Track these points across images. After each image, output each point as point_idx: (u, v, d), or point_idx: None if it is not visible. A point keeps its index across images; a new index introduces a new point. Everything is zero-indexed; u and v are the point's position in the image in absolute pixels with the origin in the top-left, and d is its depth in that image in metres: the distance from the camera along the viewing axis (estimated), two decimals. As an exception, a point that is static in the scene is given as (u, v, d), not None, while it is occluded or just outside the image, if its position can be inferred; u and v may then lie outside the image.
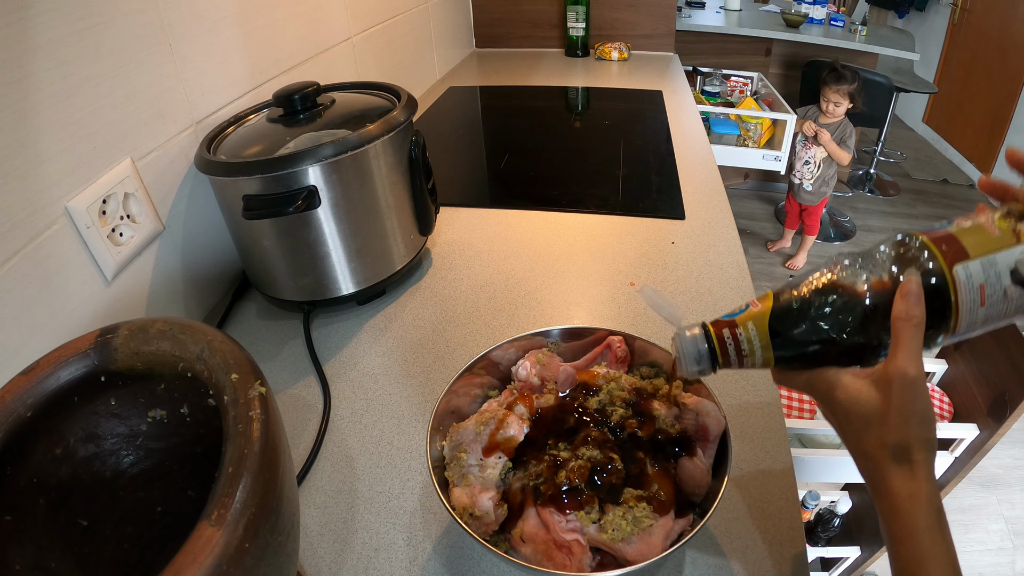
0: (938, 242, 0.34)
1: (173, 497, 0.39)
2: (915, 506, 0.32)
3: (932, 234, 0.35)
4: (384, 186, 0.67)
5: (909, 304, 0.33)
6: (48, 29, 0.50)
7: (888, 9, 4.07)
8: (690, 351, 0.38)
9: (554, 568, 0.39)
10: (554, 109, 1.44)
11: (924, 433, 0.32)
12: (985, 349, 1.15)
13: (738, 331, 0.36)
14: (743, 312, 0.37)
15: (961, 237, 0.34)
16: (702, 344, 0.37)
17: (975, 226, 0.34)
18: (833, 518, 1.33)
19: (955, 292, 0.33)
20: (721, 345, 0.37)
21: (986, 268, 0.33)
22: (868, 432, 0.34)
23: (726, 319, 0.37)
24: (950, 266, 0.33)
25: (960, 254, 0.33)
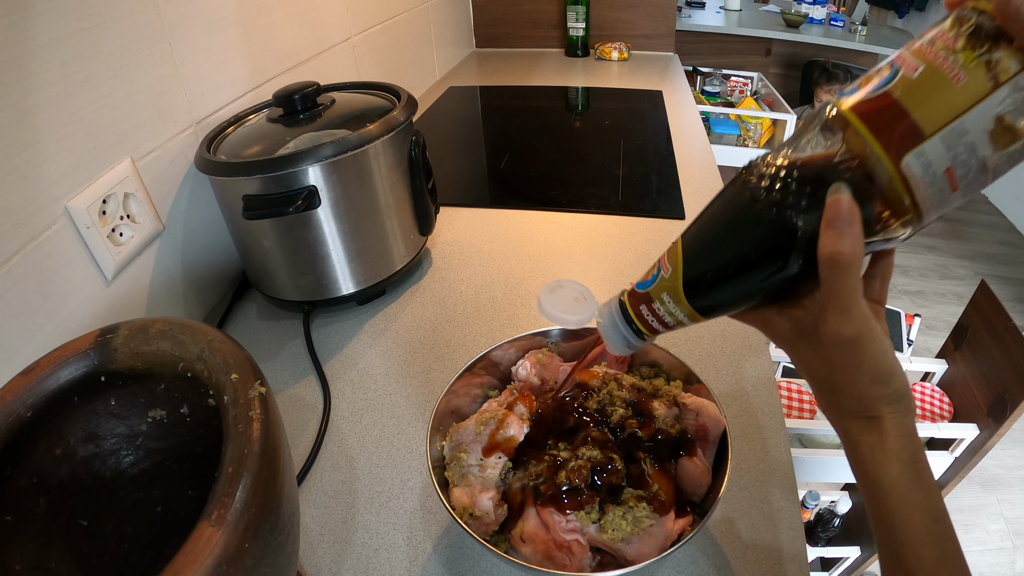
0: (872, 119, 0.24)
1: (173, 497, 0.39)
2: (881, 457, 0.28)
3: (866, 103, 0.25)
4: (384, 186, 0.67)
5: (836, 239, 0.25)
6: (48, 29, 0.50)
7: (888, 9, 4.07)
8: (614, 335, 0.36)
9: (554, 568, 0.39)
10: (554, 109, 1.44)
11: (881, 390, 0.28)
12: (985, 349, 1.15)
13: (655, 305, 0.33)
14: (655, 281, 0.33)
15: (907, 100, 0.23)
16: (625, 328, 0.35)
17: (928, 71, 0.23)
18: (833, 518, 1.34)
19: (911, 192, 0.24)
20: (643, 322, 0.34)
21: (952, 143, 0.23)
22: (820, 394, 0.31)
23: (641, 291, 0.34)
24: (896, 160, 0.24)
25: (908, 135, 0.23)
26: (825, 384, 0.30)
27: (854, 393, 0.29)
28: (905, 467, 0.28)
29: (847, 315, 0.27)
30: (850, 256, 0.25)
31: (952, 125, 0.23)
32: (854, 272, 0.26)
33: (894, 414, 0.28)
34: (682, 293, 0.31)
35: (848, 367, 0.28)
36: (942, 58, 0.23)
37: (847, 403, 0.29)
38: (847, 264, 0.25)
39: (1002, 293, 1.91)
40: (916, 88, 0.23)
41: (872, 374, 0.28)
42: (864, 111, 0.25)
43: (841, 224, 0.25)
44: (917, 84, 0.23)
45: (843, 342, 0.27)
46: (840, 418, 0.30)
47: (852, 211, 0.25)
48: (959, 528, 1.64)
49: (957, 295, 2.45)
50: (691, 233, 0.32)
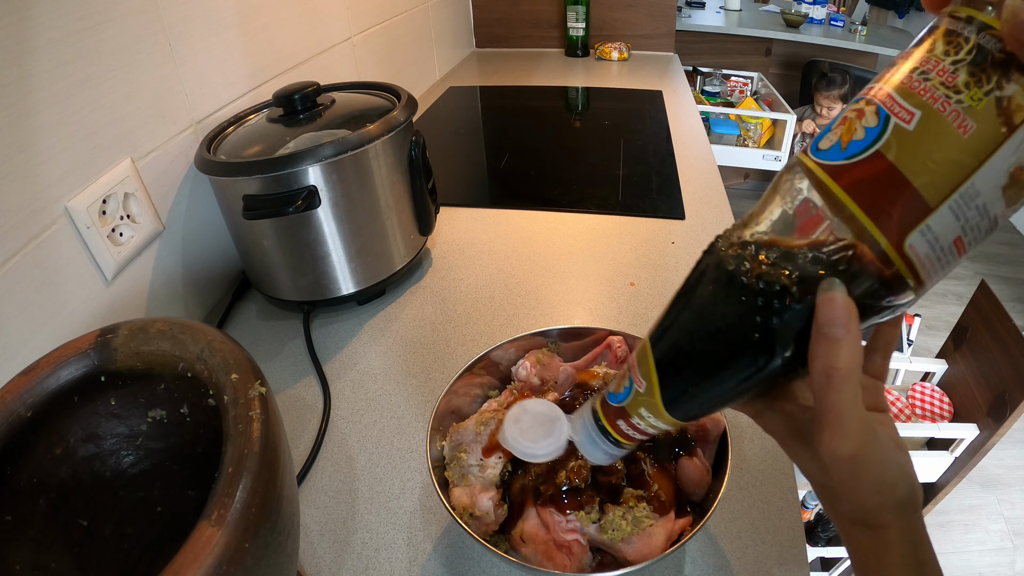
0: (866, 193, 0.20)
1: (173, 497, 0.39)
2: (885, 565, 0.26)
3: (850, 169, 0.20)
4: (384, 186, 0.67)
5: (830, 350, 0.22)
6: (48, 29, 0.50)
7: (888, 9, 4.07)
8: (594, 451, 0.33)
9: (554, 568, 0.39)
10: (554, 109, 1.44)
11: (885, 501, 0.26)
12: (985, 349, 1.15)
13: (633, 420, 0.30)
14: (629, 395, 0.29)
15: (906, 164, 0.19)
16: (603, 441, 0.32)
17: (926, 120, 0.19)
18: (833, 518, 1.33)
19: (914, 272, 0.20)
20: (622, 435, 0.31)
21: (961, 210, 0.19)
22: (820, 496, 0.28)
23: (615, 404, 0.30)
24: (898, 244, 0.20)
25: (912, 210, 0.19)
26: (824, 489, 0.27)
27: (855, 502, 0.26)
28: (911, 571, 0.26)
29: (843, 432, 0.24)
30: (847, 369, 0.22)
31: (962, 189, 0.19)
32: (852, 384, 0.23)
33: (900, 521, 0.26)
34: (661, 407, 0.28)
35: (847, 481, 0.25)
36: (942, 99, 0.18)
37: (847, 511, 0.27)
38: (843, 379, 0.22)
39: (1002, 293, 1.91)
40: (915, 145, 0.19)
41: (874, 487, 0.25)
42: (852, 182, 0.20)
43: (836, 330, 0.22)
44: (916, 139, 0.19)
45: (840, 459, 0.24)
46: (843, 523, 0.28)
47: (848, 313, 0.21)
48: (959, 528, 1.64)
49: (957, 295, 2.45)
50: (662, 340, 0.28)
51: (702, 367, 0.26)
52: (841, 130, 0.21)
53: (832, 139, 0.21)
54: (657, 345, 0.28)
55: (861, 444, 0.24)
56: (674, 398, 0.27)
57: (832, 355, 0.22)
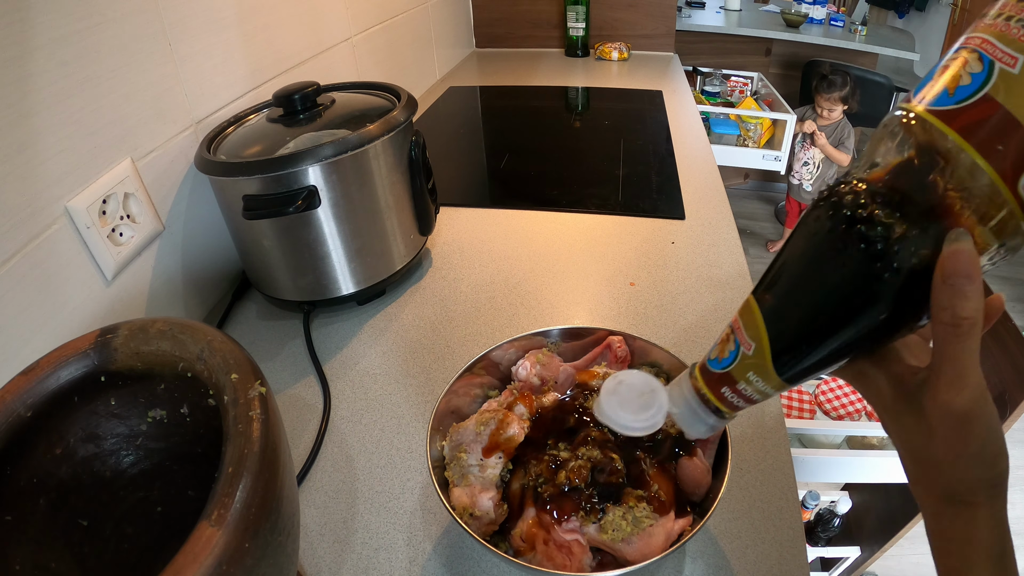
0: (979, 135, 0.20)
1: (173, 497, 0.39)
2: (970, 553, 0.25)
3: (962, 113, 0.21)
4: (384, 186, 0.67)
5: (957, 300, 0.22)
6: (48, 29, 0.50)
7: (888, 9, 4.07)
8: (695, 423, 0.32)
9: (554, 568, 0.39)
10: (554, 109, 1.44)
11: (985, 473, 0.25)
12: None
13: (740, 387, 0.29)
14: (735, 359, 0.28)
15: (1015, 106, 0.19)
16: (704, 412, 0.31)
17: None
18: (833, 518, 1.34)
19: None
20: (725, 404, 0.30)
21: None
22: (914, 467, 0.27)
23: (718, 371, 0.30)
24: (1014, 184, 0.20)
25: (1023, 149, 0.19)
26: (922, 458, 0.27)
27: (954, 474, 0.25)
28: (994, 567, 0.25)
29: (962, 385, 0.23)
30: (973, 319, 0.22)
31: None
32: (975, 336, 0.23)
33: (991, 501, 0.25)
34: (772, 369, 0.27)
35: (953, 444, 0.25)
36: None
37: (944, 483, 0.26)
38: (969, 328, 0.22)
39: (1002, 293, 1.90)
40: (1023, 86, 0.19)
41: (978, 455, 0.25)
42: (965, 124, 0.21)
43: (961, 281, 0.22)
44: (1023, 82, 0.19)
45: (953, 415, 0.24)
46: (931, 499, 0.27)
47: (973, 264, 0.21)
48: (959, 528, 1.62)
49: (957, 295, 2.44)
50: (772, 296, 0.27)
51: (816, 322, 0.25)
52: (946, 77, 0.22)
53: (937, 86, 0.22)
54: (765, 301, 0.27)
55: (975, 401, 0.24)
56: (786, 357, 0.27)
57: (959, 305, 0.22)
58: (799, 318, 0.26)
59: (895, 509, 1.23)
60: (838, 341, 0.25)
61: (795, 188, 2.54)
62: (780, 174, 2.46)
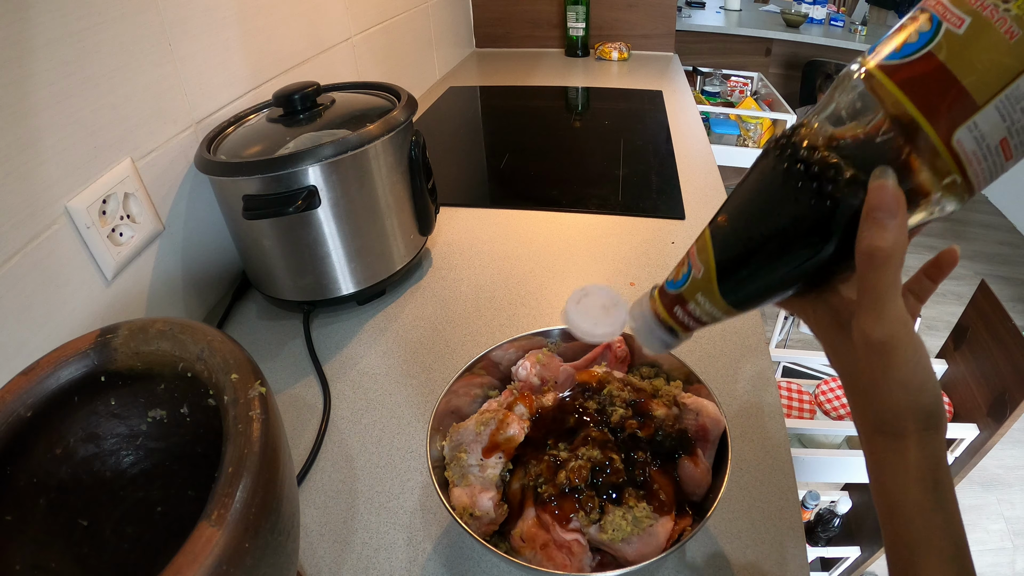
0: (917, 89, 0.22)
1: (173, 497, 0.39)
2: (903, 478, 0.26)
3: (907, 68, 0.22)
4: (384, 186, 0.67)
5: (877, 231, 0.23)
6: (48, 29, 0.50)
7: (888, 9, 4.07)
8: (650, 338, 0.35)
9: (554, 568, 0.39)
10: (554, 109, 1.44)
11: (910, 401, 0.26)
12: (985, 349, 1.15)
13: (689, 306, 0.31)
14: (687, 281, 0.31)
15: (955, 64, 0.21)
16: (659, 329, 0.34)
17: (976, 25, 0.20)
18: (833, 518, 1.34)
19: (962, 168, 0.22)
20: (677, 322, 0.33)
21: (1007, 111, 0.20)
22: (850, 396, 0.28)
23: (672, 291, 0.32)
24: (947, 137, 0.21)
25: (960, 106, 0.21)
26: (855, 387, 0.28)
27: (882, 401, 0.26)
28: (928, 490, 0.26)
29: (880, 315, 0.25)
30: (890, 250, 0.23)
31: (1008, 90, 0.20)
32: (892, 268, 0.24)
33: (921, 432, 0.26)
34: (717, 291, 0.29)
35: (876, 371, 0.26)
36: (991, 8, 0.20)
37: (874, 411, 0.27)
38: (885, 259, 0.23)
39: (1002, 293, 1.91)
40: (964, 47, 0.20)
41: (902, 383, 0.25)
42: (905, 77, 0.22)
43: (883, 215, 0.23)
44: (965, 42, 0.20)
45: (873, 344, 0.25)
46: (866, 430, 0.28)
47: (897, 199, 0.23)
48: (959, 528, 1.61)
49: (957, 295, 2.45)
50: (720, 226, 0.29)
51: (758, 250, 0.27)
52: (897, 35, 0.23)
53: (888, 43, 0.23)
54: (716, 230, 0.29)
55: (894, 332, 0.25)
56: (730, 282, 0.29)
57: (877, 236, 0.23)
58: (744, 246, 0.28)
59: (895, 509, 1.22)
60: (777, 271, 0.27)
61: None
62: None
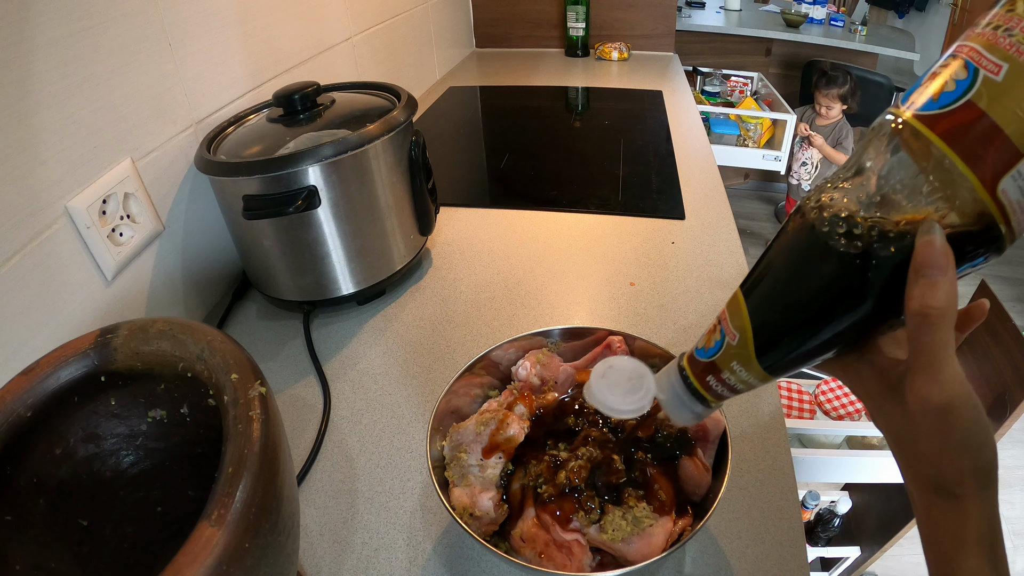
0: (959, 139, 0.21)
1: (173, 497, 0.39)
2: (961, 544, 0.25)
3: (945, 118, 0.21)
4: (384, 186, 0.67)
5: (928, 291, 0.22)
6: (48, 29, 0.50)
7: (888, 9, 4.07)
8: (680, 410, 0.33)
9: (554, 568, 0.39)
10: (554, 109, 1.44)
11: (971, 464, 0.25)
12: (985, 349, 1.15)
13: (724, 376, 0.30)
14: (720, 349, 0.29)
15: (998, 112, 0.20)
16: (689, 400, 0.32)
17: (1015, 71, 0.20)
18: (833, 518, 1.34)
19: (1007, 218, 0.21)
20: (710, 392, 0.31)
21: None
22: (902, 459, 0.27)
23: (704, 359, 0.31)
24: (992, 187, 0.21)
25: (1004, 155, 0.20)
26: (909, 450, 0.27)
27: (941, 465, 0.25)
28: (986, 557, 0.25)
29: (937, 377, 0.24)
30: (944, 308, 0.22)
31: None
32: (947, 326, 0.23)
33: (980, 492, 0.25)
34: (755, 358, 0.28)
35: (935, 435, 0.25)
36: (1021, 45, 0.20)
37: (931, 474, 0.26)
38: (940, 317, 0.23)
39: (1002, 293, 1.90)
40: (1005, 94, 0.20)
41: (962, 446, 0.25)
42: (947, 129, 0.21)
43: (934, 272, 0.22)
44: (1005, 89, 0.20)
45: (931, 406, 0.24)
46: (921, 491, 0.27)
47: (946, 256, 0.22)
48: (959, 528, 1.61)
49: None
50: (754, 290, 0.28)
51: (797, 314, 0.26)
52: (932, 84, 0.22)
53: (924, 92, 0.23)
54: (751, 294, 0.28)
55: (952, 393, 0.24)
56: (768, 348, 0.28)
57: (929, 295, 0.22)
58: (782, 311, 0.27)
59: (895, 509, 1.23)
60: (818, 335, 0.26)
61: (795, 188, 2.54)
62: (780, 174, 2.46)
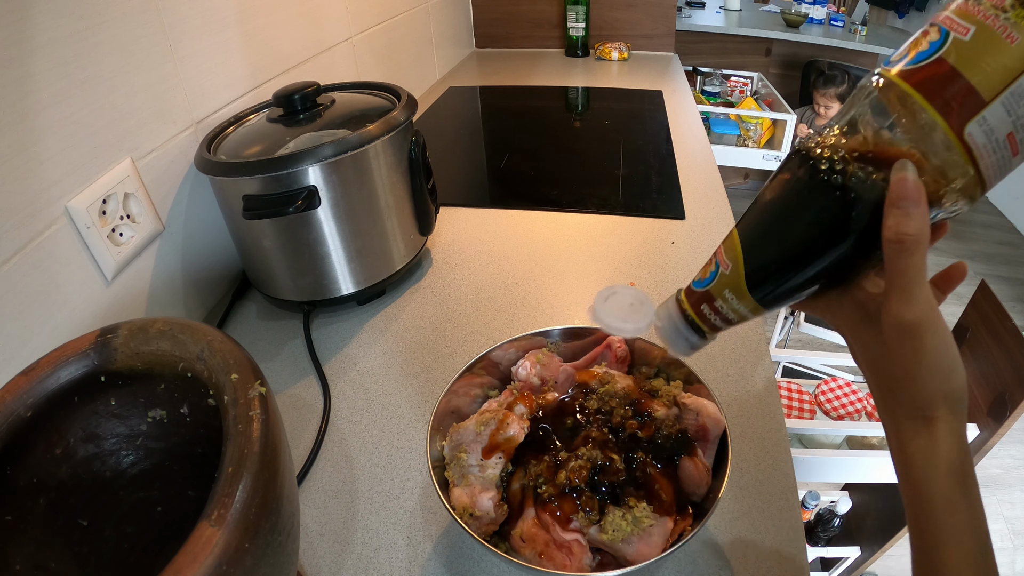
0: (930, 88, 0.24)
1: (173, 497, 0.39)
2: (930, 470, 0.27)
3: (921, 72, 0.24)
4: (384, 186, 0.67)
5: (902, 219, 0.25)
6: (48, 29, 0.50)
7: (888, 9, 4.06)
8: (675, 338, 0.35)
9: (554, 568, 0.39)
10: (554, 109, 1.44)
11: (940, 386, 0.26)
12: (985, 349, 1.15)
13: (717, 304, 0.32)
14: (714, 278, 0.32)
15: (964, 65, 0.23)
16: (685, 329, 0.34)
17: (980, 32, 0.23)
18: (833, 518, 1.34)
19: (974, 161, 0.24)
20: (705, 322, 0.34)
21: (1012, 107, 0.23)
22: (876, 380, 0.29)
23: (700, 289, 0.33)
24: (960, 130, 0.23)
25: (969, 102, 0.23)
26: (883, 376, 0.29)
27: (912, 387, 0.27)
28: (955, 480, 0.26)
29: (910, 299, 0.26)
30: (916, 236, 0.25)
31: (1011, 88, 0.22)
32: (920, 253, 0.25)
33: (949, 417, 0.27)
34: (745, 287, 0.31)
35: (908, 356, 0.27)
36: (993, 17, 0.22)
37: (903, 398, 0.28)
38: (913, 244, 0.25)
39: (1002, 293, 1.90)
40: (970, 51, 0.23)
41: (932, 367, 0.26)
42: (919, 80, 0.24)
43: (907, 204, 0.25)
44: (971, 47, 0.23)
45: (904, 328, 0.26)
46: (894, 416, 0.29)
47: (918, 189, 0.25)
48: (959, 528, 1.60)
49: (957, 295, 2.44)
50: (747, 224, 0.31)
51: (785, 246, 0.29)
52: (910, 46, 0.25)
53: (902, 53, 0.26)
54: (743, 229, 0.31)
55: (924, 314, 0.26)
56: (757, 277, 0.30)
57: (903, 223, 0.25)
58: (770, 242, 0.30)
59: (895, 509, 1.23)
60: (804, 266, 0.29)
61: (795, 188, 2.54)
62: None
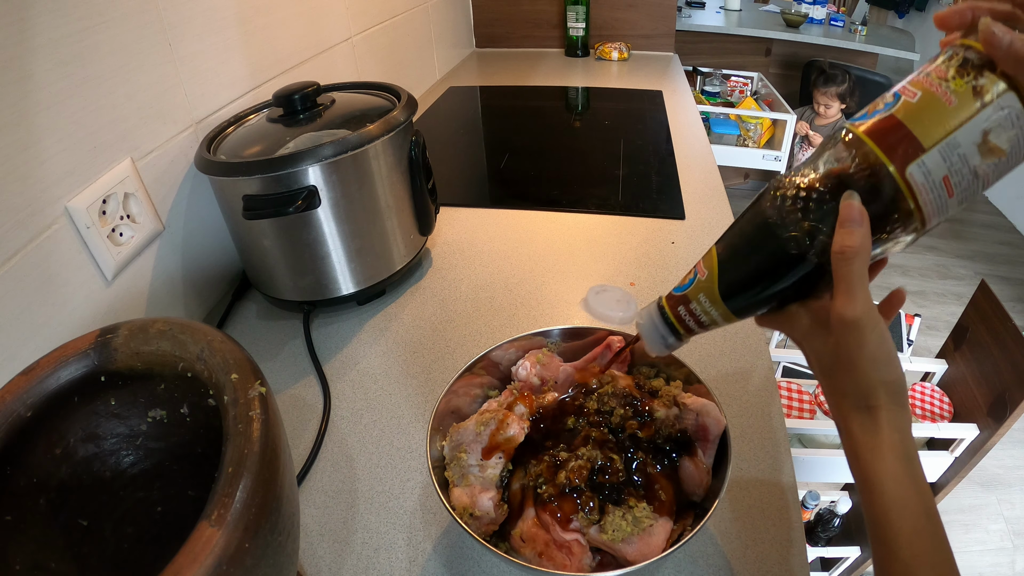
0: (880, 137, 0.29)
1: (173, 497, 0.39)
2: (876, 451, 0.30)
3: (874, 125, 0.29)
4: (384, 186, 0.67)
5: (846, 235, 0.29)
6: (48, 29, 0.50)
7: (888, 9, 4.07)
8: (653, 335, 0.39)
9: (554, 568, 0.39)
10: (554, 109, 1.44)
11: (881, 376, 0.31)
12: (985, 349, 1.15)
13: (692, 306, 0.37)
14: (692, 283, 0.37)
15: (909, 120, 0.28)
16: (663, 328, 0.39)
17: (925, 96, 0.28)
18: (833, 518, 1.34)
19: (914, 197, 0.29)
20: (681, 323, 0.38)
21: (947, 155, 0.28)
22: (826, 379, 0.33)
23: (678, 293, 0.38)
24: (902, 170, 0.28)
25: (911, 148, 0.28)
26: (830, 370, 0.32)
27: (856, 375, 0.31)
28: (900, 462, 0.30)
29: (853, 299, 0.30)
30: (856, 248, 0.29)
31: (947, 139, 0.27)
32: (859, 261, 0.29)
33: (891, 407, 0.31)
34: (718, 293, 0.35)
35: (851, 348, 0.31)
36: (936, 85, 0.28)
37: (848, 389, 0.31)
38: (854, 254, 0.29)
39: (1002, 293, 1.91)
40: (916, 110, 0.28)
41: (872, 357, 0.30)
42: (872, 130, 0.30)
43: (851, 224, 0.29)
44: (916, 107, 0.28)
45: (848, 323, 0.30)
46: (841, 409, 0.32)
47: (861, 213, 0.29)
48: (959, 528, 1.63)
49: (957, 295, 2.45)
50: (725, 240, 0.36)
51: (754, 263, 0.34)
52: (870, 107, 0.31)
53: (864, 112, 0.31)
54: (721, 244, 0.36)
55: (865, 312, 0.30)
56: (729, 287, 0.35)
57: (847, 238, 0.29)
58: (743, 257, 0.35)
59: (895, 509, 1.22)
60: (769, 280, 0.34)
61: (795, 188, 2.54)
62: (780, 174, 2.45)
